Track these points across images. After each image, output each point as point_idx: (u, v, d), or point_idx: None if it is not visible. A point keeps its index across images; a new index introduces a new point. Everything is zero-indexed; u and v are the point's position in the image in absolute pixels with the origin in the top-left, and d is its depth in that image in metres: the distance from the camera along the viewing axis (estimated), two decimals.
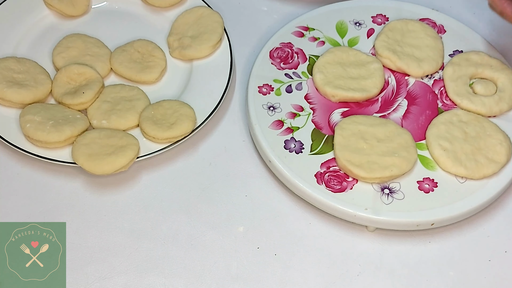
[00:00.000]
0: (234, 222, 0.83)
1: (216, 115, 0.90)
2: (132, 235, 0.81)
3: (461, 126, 0.87)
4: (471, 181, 0.83)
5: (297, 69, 0.93)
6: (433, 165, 0.84)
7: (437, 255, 0.81)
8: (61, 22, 0.98)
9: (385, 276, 0.80)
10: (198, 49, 0.94)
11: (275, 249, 0.81)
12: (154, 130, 0.85)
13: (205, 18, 0.96)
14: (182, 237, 0.81)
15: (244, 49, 0.98)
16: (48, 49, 0.95)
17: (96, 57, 0.93)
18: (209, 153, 0.88)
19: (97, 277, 0.78)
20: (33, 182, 0.85)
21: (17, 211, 0.83)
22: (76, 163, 0.83)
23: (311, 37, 0.96)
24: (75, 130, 0.85)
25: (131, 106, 0.88)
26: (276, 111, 0.89)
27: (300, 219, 0.83)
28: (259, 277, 0.79)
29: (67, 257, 0.79)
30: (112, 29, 0.98)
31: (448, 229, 0.82)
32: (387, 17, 0.98)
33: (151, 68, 0.92)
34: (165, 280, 0.78)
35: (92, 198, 0.84)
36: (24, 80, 0.89)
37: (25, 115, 0.85)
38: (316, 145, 0.86)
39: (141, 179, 0.86)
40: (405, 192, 0.82)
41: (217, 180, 0.86)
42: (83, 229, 0.82)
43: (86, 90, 0.88)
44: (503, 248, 0.82)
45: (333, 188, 0.82)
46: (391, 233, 0.82)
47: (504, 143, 0.85)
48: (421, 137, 0.87)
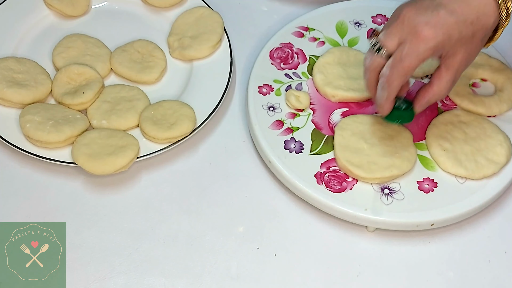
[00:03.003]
0: (234, 222, 0.83)
1: (216, 115, 0.90)
2: (132, 235, 0.81)
3: (461, 127, 0.87)
4: (471, 181, 0.83)
5: (297, 70, 0.93)
6: (433, 166, 0.84)
7: (437, 256, 0.81)
8: (61, 22, 0.98)
9: (385, 276, 0.80)
10: (198, 49, 0.94)
11: (275, 249, 0.81)
12: (154, 130, 0.85)
13: (205, 18, 0.96)
14: (182, 237, 0.81)
15: (244, 49, 0.98)
16: (48, 49, 0.95)
17: (96, 57, 0.93)
18: (209, 153, 0.88)
19: (97, 277, 0.78)
20: (33, 182, 0.85)
21: (17, 211, 0.83)
22: (76, 163, 0.83)
23: (311, 37, 0.96)
24: (75, 130, 0.85)
25: (131, 106, 0.88)
26: (276, 111, 0.89)
27: (300, 219, 0.83)
28: (259, 277, 0.79)
29: (67, 257, 0.79)
30: (112, 29, 0.98)
31: (448, 229, 0.82)
32: (387, 17, 0.98)
33: (151, 68, 0.92)
34: (165, 280, 0.78)
35: (92, 198, 0.84)
36: (24, 80, 0.89)
37: (25, 115, 0.85)
38: (316, 145, 0.86)
39: (141, 179, 0.86)
40: (405, 192, 0.82)
41: (217, 180, 0.86)
42: (83, 229, 0.82)
43: (86, 90, 0.88)
44: (503, 248, 0.82)
45: (333, 188, 0.82)
46: (391, 233, 0.82)
47: (504, 144, 0.85)
48: (421, 137, 0.87)
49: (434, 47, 0.73)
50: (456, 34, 0.73)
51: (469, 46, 0.76)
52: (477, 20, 0.74)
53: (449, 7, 0.73)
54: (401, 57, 0.74)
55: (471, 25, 0.74)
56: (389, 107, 0.79)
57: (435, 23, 0.73)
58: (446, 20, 0.73)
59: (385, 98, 0.77)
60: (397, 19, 0.75)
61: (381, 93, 0.77)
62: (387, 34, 0.75)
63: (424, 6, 0.74)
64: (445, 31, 0.73)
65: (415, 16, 0.73)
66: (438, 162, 0.84)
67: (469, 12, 0.74)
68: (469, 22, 0.74)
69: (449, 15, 0.73)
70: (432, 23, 0.73)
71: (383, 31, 0.76)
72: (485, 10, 0.74)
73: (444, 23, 0.73)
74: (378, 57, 0.76)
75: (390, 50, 0.75)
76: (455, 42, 0.74)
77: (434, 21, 0.73)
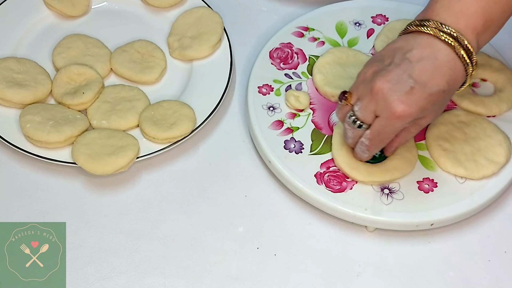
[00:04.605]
0: (234, 222, 0.83)
1: (216, 115, 0.90)
2: (132, 235, 0.81)
3: (461, 127, 0.87)
4: (470, 181, 0.83)
5: (297, 69, 0.93)
6: (432, 165, 0.84)
7: (437, 255, 0.81)
8: (61, 22, 0.98)
9: (385, 276, 0.80)
10: (198, 50, 0.94)
11: (275, 249, 0.81)
12: (154, 131, 0.85)
13: (205, 19, 0.96)
14: (182, 237, 0.81)
15: (244, 49, 0.98)
16: (48, 49, 0.95)
17: (96, 57, 0.93)
18: (209, 153, 0.88)
19: (97, 277, 0.78)
20: (33, 182, 0.85)
21: (17, 211, 0.83)
22: (76, 163, 0.83)
23: (311, 38, 0.96)
24: (75, 130, 0.85)
25: (131, 106, 0.88)
26: (276, 111, 0.89)
27: (300, 219, 0.83)
28: (259, 277, 0.79)
29: (67, 257, 0.79)
30: (112, 29, 0.98)
31: (448, 229, 0.82)
32: (387, 17, 0.98)
33: (151, 68, 0.93)
34: (165, 280, 0.78)
35: (92, 198, 0.84)
36: (24, 80, 0.89)
37: (25, 115, 0.86)
38: (316, 145, 0.86)
39: (141, 179, 0.86)
40: (404, 192, 0.82)
41: (217, 180, 0.86)
42: (83, 229, 0.82)
43: (86, 91, 0.88)
44: (503, 248, 0.82)
45: (333, 188, 0.82)
46: (391, 233, 0.82)
47: (503, 143, 0.85)
48: (421, 137, 0.87)
49: (409, 122, 0.75)
50: (429, 106, 0.75)
51: (440, 108, 0.79)
52: (449, 87, 0.75)
53: (421, 81, 0.74)
54: (379, 132, 0.77)
55: (443, 93, 0.75)
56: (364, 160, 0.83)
57: (410, 101, 0.74)
58: (420, 96, 0.74)
59: (363, 158, 0.81)
60: (370, 92, 0.75)
61: (361, 154, 0.81)
62: (363, 110, 0.76)
63: (396, 78, 0.74)
64: (420, 106, 0.74)
65: (389, 92, 0.74)
66: (438, 162, 0.84)
67: (440, 81, 0.74)
68: (441, 91, 0.75)
69: (422, 91, 0.74)
70: (406, 101, 0.73)
71: (358, 105, 0.77)
72: (455, 75, 0.75)
73: (418, 100, 0.74)
74: (360, 131, 0.78)
75: (368, 123, 0.77)
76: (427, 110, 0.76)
77: (408, 99, 0.74)
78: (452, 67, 0.75)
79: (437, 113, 0.79)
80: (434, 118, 0.79)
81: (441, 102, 0.77)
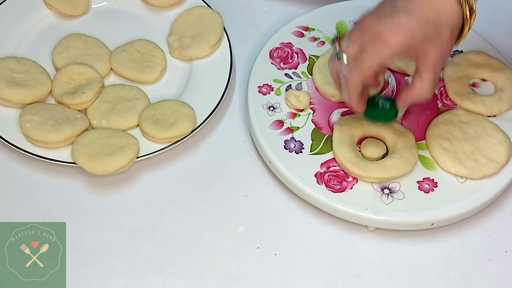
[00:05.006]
0: (234, 222, 0.83)
1: (216, 115, 0.90)
2: (132, 235, 0.81)
3: (461, 126, 0.87)
4: (471, 181, 0.83)
5: (297, 69, 0.93)
6: (433, 165, 0.84)
7: (437, 255, 0.81)
8: (61, 22, 0.98)
9: (385, 276, 0.80)
10: (198, 49, 0.94)
11: (275, 249, 0.81)
12: (154, 130, 0.85)
13: (205, 18, 0.96)
14: (182, 237, 0.81)
15: (244, 49, 0.98)
16: (48, 49, 0.95)
17: (96, 57, 0.93)
18: (209, 153, 0.88)
19: (97, 277, 0.78)
20: (33, 182, 0.85)
21: (17, 211, 0.83)
22: (76, 163, 0.83)
23: (311, 37, 0.96)
24: (75, 130, 0.85)
25: (131, 106, 0.88)
26: (276, 111, 0.89)
27: (300, 219, 0.83)
28: (259, 277, 0.79)
29: (67, 257, 0.79)
30: (112, 29, 0.98)
31: (448, 229, 0.82)
32: None
33: (151, 68, 0.92)
34: (165, 280, 0.78)
35: (92, 198, 0.84)
36: (24, 80, 0.89)
37: (25, 115, 0.86)
38: (316, 145, 0.86)
39: (141, 179, 0.86)
40: (405, 192, 0.82)
41: (217, 180, 0.86)
42: (83, 229, 0.82)
43: (86, 90, 0.88)
44: (503, 248, 0.82)
45: (333, 188, 0.82)
46: (391, 233, 0.82)
47: (504, 143, 0.85)
48: (421, 137, 0.87)
49: (397, 51, 0.74)
50: (419, 35, 0.73)
51: (438, 44, 0.75)
52: (439, 18, 0.74)
53: (409, 9, 0.73)
54: (361, 58, 0.74)
55: (433, 23, 0.74)
56: (358, 106, 0.79)
57: (396, 27, 0.73)
58: (407, 22, 0.73)
59: (347, 97, 0.78)
60: (358, 27, 0.75)
61: (343, 93, 0.78)
62: (348, 42, 0.75)
63: (384, 12, 0.74)
64: (407, 33, 0.73)
65: (376, 23, 0.74)
66: (438, 161, 0.84)
67: (429, 11, 0.73)
68: (431, 21, 0.73)
69: (409, 17, 0.73)
70: (393, 27, 0.73)
71: (344, 40, 0.76)
72: (446, 9, 0.74)
73: (404, 25, 0.73)
74: (339, 63, 0.76)
75: (350, 56, 0.75)
76: (421, 42, 0.74)
77: (395, 25, 0.73)
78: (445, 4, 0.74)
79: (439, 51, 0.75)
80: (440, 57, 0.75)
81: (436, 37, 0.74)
